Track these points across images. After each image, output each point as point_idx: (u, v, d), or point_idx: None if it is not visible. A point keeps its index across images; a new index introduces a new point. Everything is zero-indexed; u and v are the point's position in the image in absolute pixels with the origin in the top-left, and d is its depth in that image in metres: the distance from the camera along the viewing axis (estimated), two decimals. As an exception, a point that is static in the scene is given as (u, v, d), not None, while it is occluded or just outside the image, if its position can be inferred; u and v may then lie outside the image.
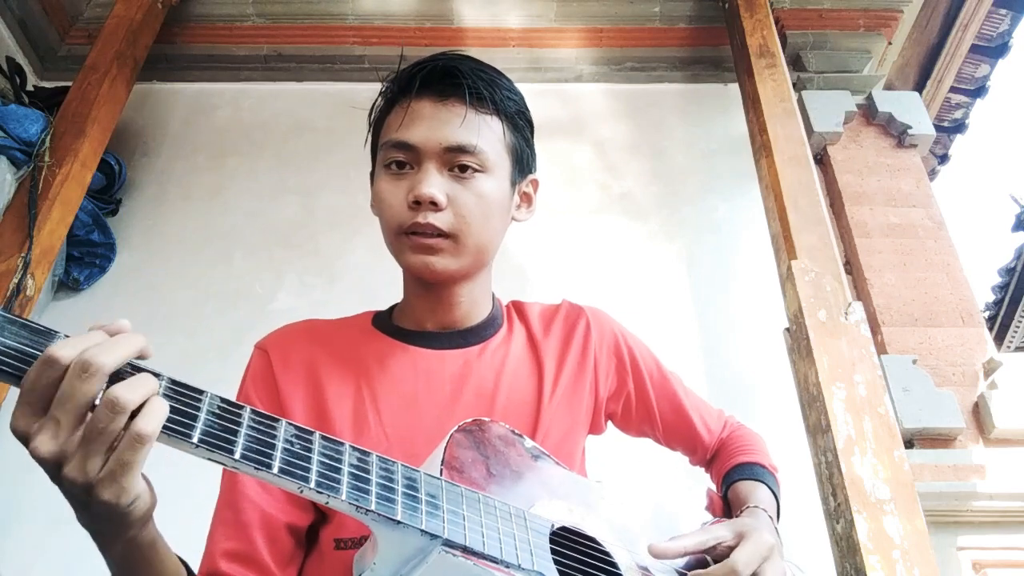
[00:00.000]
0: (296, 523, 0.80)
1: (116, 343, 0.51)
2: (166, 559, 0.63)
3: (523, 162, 0.93)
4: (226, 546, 0.77)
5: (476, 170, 0.85)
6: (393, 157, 0.86)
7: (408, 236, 0.84)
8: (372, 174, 0.94)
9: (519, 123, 0.92)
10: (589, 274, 2.39)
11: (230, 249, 2.51)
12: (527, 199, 0.96)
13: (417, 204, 0.83)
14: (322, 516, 0.81)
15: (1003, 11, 2.91)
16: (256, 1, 2.87)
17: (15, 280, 1.94)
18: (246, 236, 2.53)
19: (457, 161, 0.84)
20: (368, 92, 0.97)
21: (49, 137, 2.18)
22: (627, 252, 2.48)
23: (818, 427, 1.68)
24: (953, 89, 3.10)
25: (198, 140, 2.77)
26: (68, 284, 2.40)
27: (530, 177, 0.96)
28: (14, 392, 1.94)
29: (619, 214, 2.58)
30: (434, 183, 0.83)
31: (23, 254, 1.97)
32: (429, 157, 0.84)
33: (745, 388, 2.15)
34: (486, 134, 0.87)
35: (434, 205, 0.82)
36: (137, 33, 2.50)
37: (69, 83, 2.38)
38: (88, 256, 2.42)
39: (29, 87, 2.56)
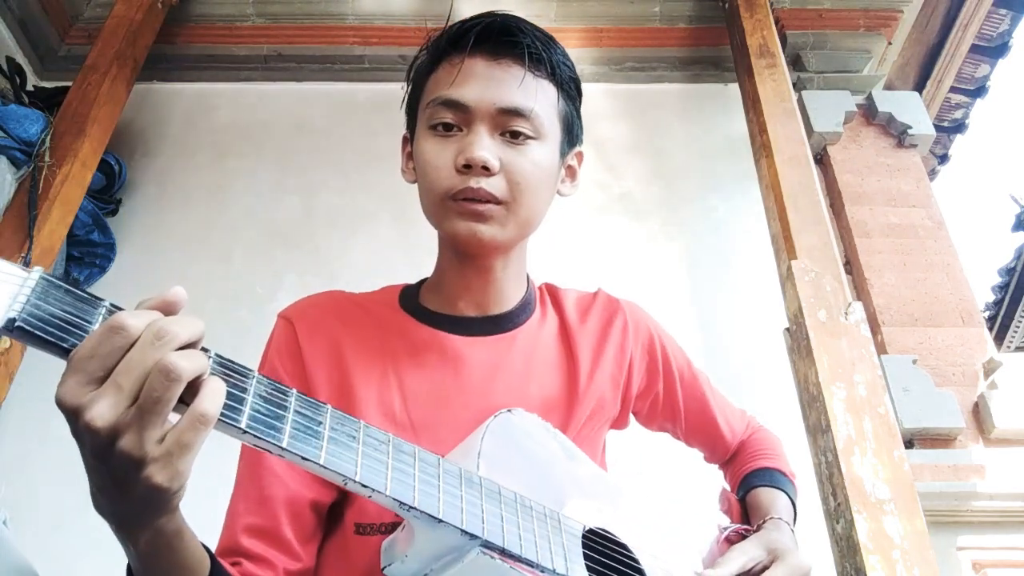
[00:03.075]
0: (320, 500, 0.78)
1: (185, 320, 0.49)
2: (191, 546, 0.60)
3: (573, 133, 0.89)
4: (248, 521, 0.75)
5: (529, 136, 0.81)
6: (441, 117, 0.81)
7: (456, 202, 0.79)
8: (407, 137, 0.89)
9: (571, 92, 0.88)
10: (589, 274, 2.38)
11: (230, 249, 2.50)
12: (572, 173, 0.92)
13: (467, 168, 0.78)
14: (344, 495, 0.79)
15: (1003, 11, 2.91)
16: (256, 1, 2.87)
17: (15, 280, 1.93)
18: (246, 236, 2.53)
19: (511, 126, 0.80)
20: (368, 92, 0.96)
21: (49, 137, 2.18)
22: (627, 252, 2.48)
23: (818, 427, 1.68)
24: (953, 89, 3.10)
25: (198, 140, 2.77)
26: (68, 284, 2.40)
27: (577, 149, 0.92)
28: (14, 392, 1.95)
29: (619, 214, 2.58)
30: (487, 146, 0.78)
31: (23, 254, 1.97)
32: (481, 119, 0.79)
33: (745, 388, 2.14)
34: (542, 99, 0.82)
35: (486, 170, 0.78)
36: (137, 33, 2.50)
37: (69, 83, 2.38)
38: (88, 256, 2.42)
39: (29, 87, 2.56)
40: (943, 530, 1.83)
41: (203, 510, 0.78)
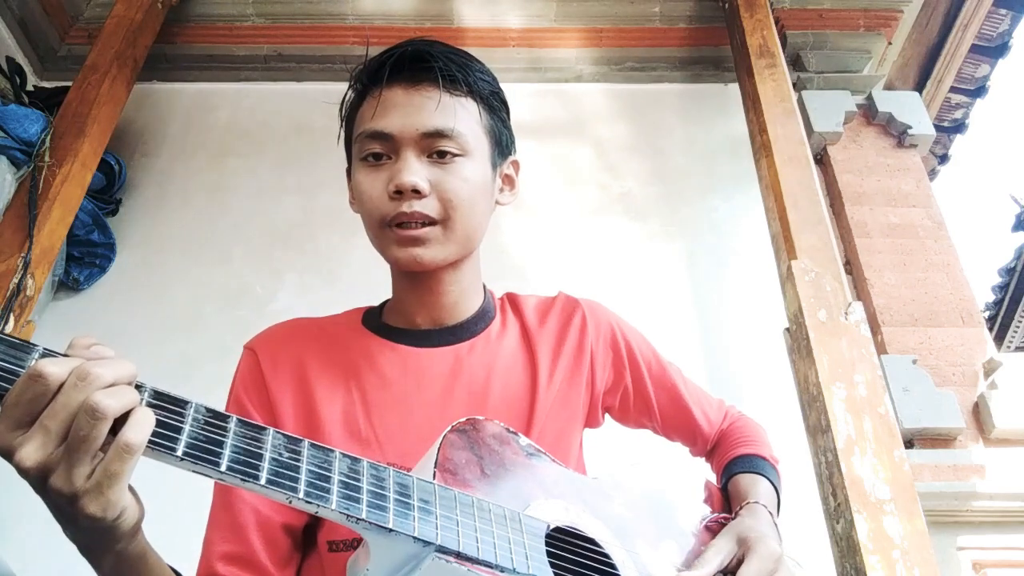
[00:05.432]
0: (292, 523, 0.79)
1: (112, 362, 0.51)
2: (156, 570, 0.62)
3: (502, 144, 0.91)
4: (223, 549, 0.76)
5: (456, 154, 0.83)
6: (369, 149, 0.84)
7: (392, 229, 0.82)
8: (348, 171, 0.92)
9: (494, 104, 0.90)
10: (589, 274, 2.39)
11: (230, 249, 2.51)
12: (509, 181, 0.94)
13: (399, 194, 0.81)
14: (315, 517, 0.80)
15: (1003, 11, 2.91)
16: (256, 1, 2.87)
17: (15, 280, 1.94)
18: (246, 236, 2.53)
19: (436, 147, 0.82)
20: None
21: (49, 137, 2.18)
22: (627, 252, 2.48)
23: (818, 427, 1.68)
24: (953, 89, 3.10)
25: (198, 140, 2.77)
26: (68, 284, 2.40)
27: (511, 159, 0.94)
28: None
29: (619, 214, 2.58)
30: (414, 170, 0.81)
31: (23, 254, 1.97)
32: (406, 145, 0.82)
33: (745, 388, 2.14)
34: (463, 117, 0.84)
35: (416, 193, 0.80)
36: (137, 33, 2.50)
37: (69, 83, 2.38)
38: (88, 256, 2.42)
39: (29, 87, 2.56)
40: (943, 530, 1.83)
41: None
